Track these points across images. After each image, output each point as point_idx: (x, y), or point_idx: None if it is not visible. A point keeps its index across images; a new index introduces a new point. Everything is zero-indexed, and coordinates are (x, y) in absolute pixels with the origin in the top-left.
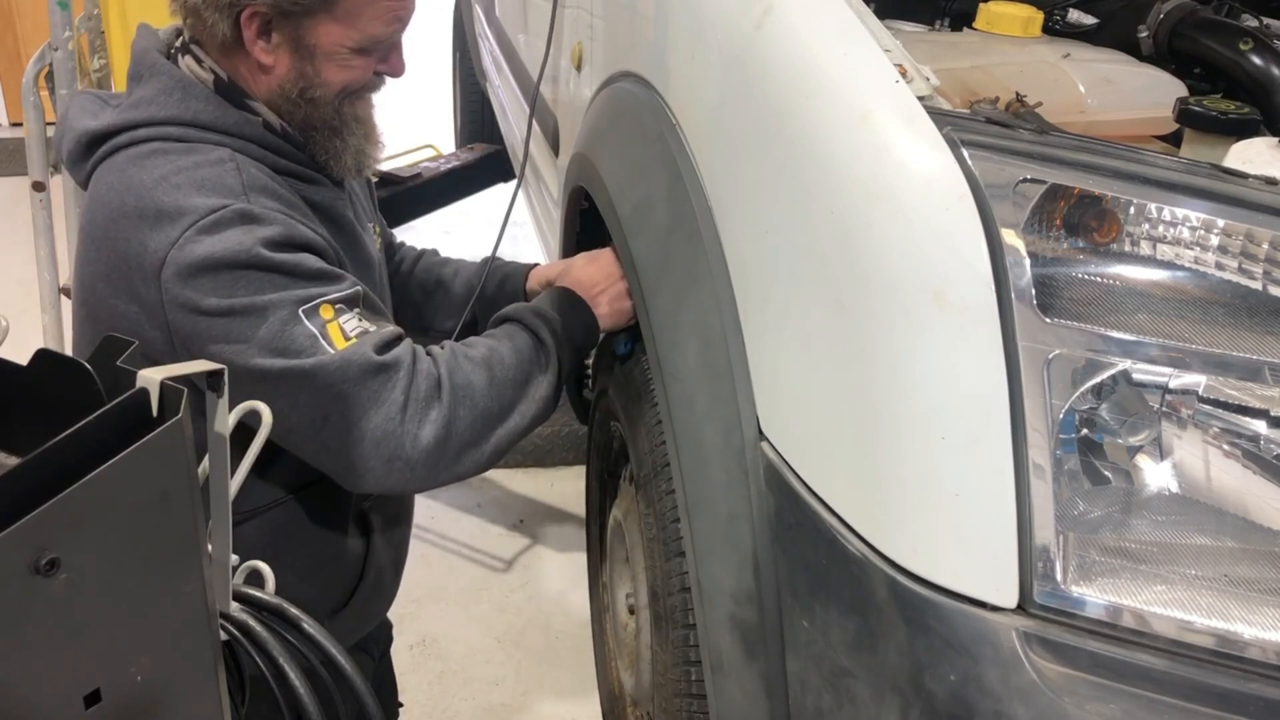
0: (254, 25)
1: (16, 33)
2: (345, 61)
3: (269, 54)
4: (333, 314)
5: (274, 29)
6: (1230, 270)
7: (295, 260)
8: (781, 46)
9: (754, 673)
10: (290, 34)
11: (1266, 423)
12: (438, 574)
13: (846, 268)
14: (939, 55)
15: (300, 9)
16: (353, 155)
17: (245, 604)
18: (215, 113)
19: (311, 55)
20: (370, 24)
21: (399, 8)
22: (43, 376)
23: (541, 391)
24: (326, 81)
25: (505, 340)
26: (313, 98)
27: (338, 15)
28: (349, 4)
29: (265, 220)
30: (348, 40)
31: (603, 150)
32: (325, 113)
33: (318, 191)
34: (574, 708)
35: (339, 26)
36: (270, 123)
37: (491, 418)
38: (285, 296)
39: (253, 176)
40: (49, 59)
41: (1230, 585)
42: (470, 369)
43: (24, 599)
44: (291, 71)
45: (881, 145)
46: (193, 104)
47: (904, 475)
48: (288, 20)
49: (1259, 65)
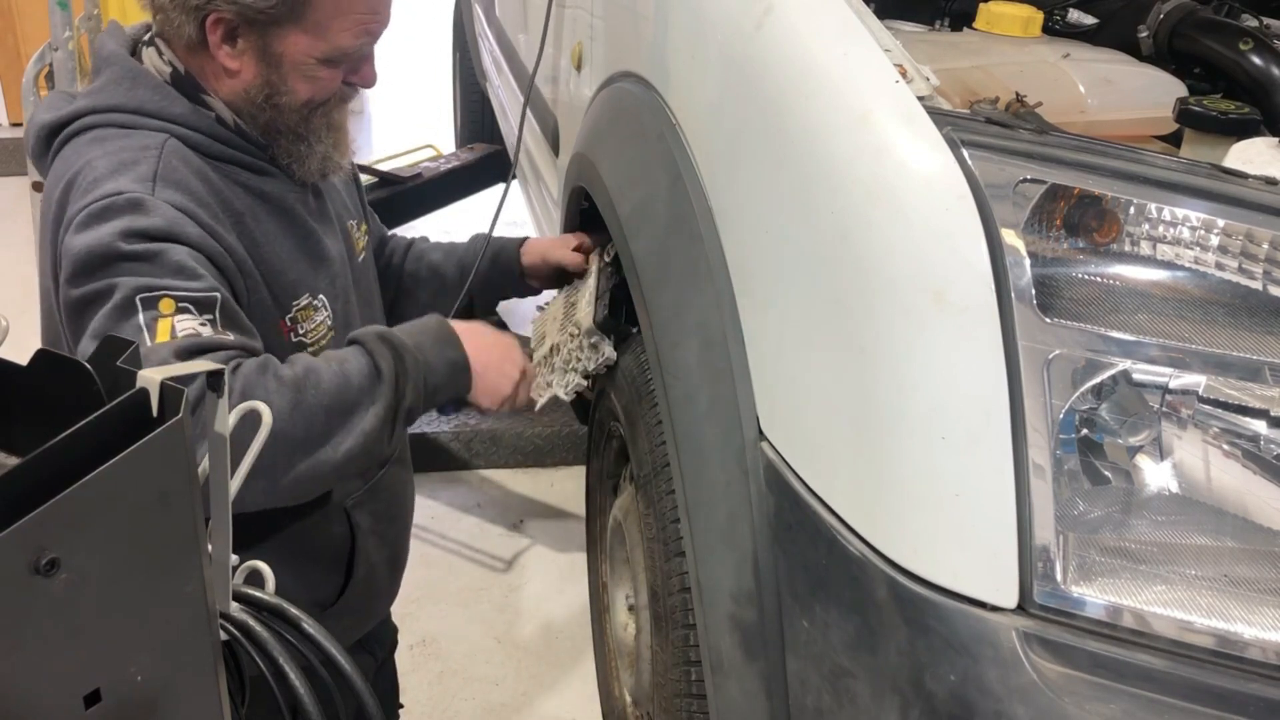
0: (219, 30)
1: (16, 33)
2: (312, 72)
3: (234, 59)
4: (172, 308)
5: (240, 35)
6: (1230, 270)
7: (156, 250)
8: (781, 46)
9: (754, 673)
10: (256, 41)
11: (1266, 423)
12: (438, 574)
13: (846, 267)
14: (939, 55)
15: (266, 18)
16: (318, 161)
17: (245, 604)
18: (160, 101)
19: (278, 64)
20: (339, 36)
21: (369, 21)
22: (43, 376)
23: (365, 425)
24: (293, 90)
25: (335, 363)
26: (278, 104)
27: (305, 26)
28: (317, 15)
29: (149, 211)
30: (315, 51)
31: (603, 150)
32: (290, 120)
33: (268, 183)
34: (574, 708)
35: (306, 37)
36: (223, 117)
37: (291, 445)
38: (129, 282)
39: (171, 167)
40: (49, 59)
41: (1230, 585)
42: (273, 389)
43: (24, 599)
44: (257, 78)
45: (881, 145)
46: (139, 92)
47: (904, 475)
48: (254, 28)
49: (1259, 65)
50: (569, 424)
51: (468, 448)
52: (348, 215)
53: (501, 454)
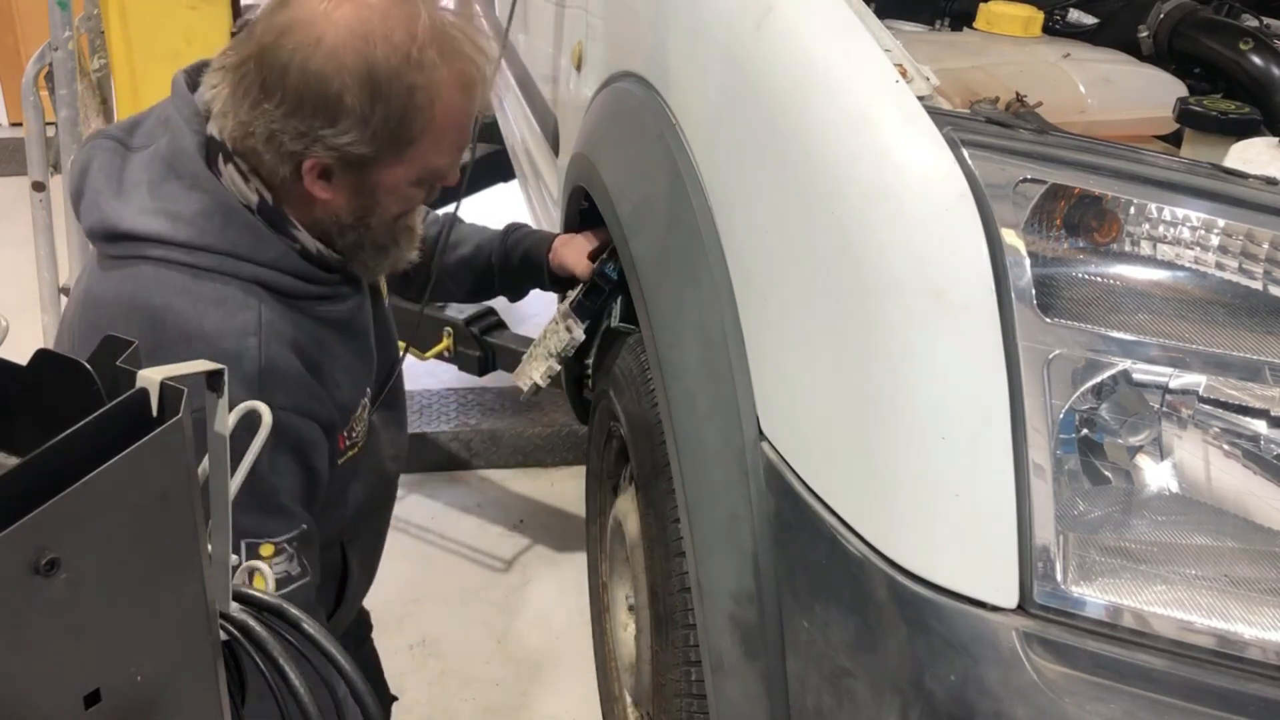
0: (316, 170)
1: (16, 33)
2: (406, 194)
3: (327, 191)
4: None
5: (335, 174)
6: (1230, 270)
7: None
8: (781, 46)
9: (754, 673)
10: (354, 177)
11: (1266, 423)
12: (438, 574)
13: (846, 267)
14: (939, 55)
15: (368, 159)
16: (391, 263)
17: (245, 604)
18: (254, 245)
19: (373, 192)
20: (435, 159)
21: (463, 139)
22: (43, 376)
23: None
24: (385, 210)
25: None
26: (369, 224)
27: (405, 159)
28: (419, 148)
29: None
30: (411, 176)
31: (603, 150)
32: (379, 236)
33: (340, 308)
34: (574, 708)
35: (404, 168)
36: (308, 249)
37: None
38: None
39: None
40: (49, 59)
41: (1230, 585)
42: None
43: (24, 599)
44: (349, 204)
45: (881, 145)
46: (231, 234)
47: (904, 475)
48: (352, 166)
49: (1259, 65)
50: (569, 424)
51: (468, 448)
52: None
53: (501, 454)
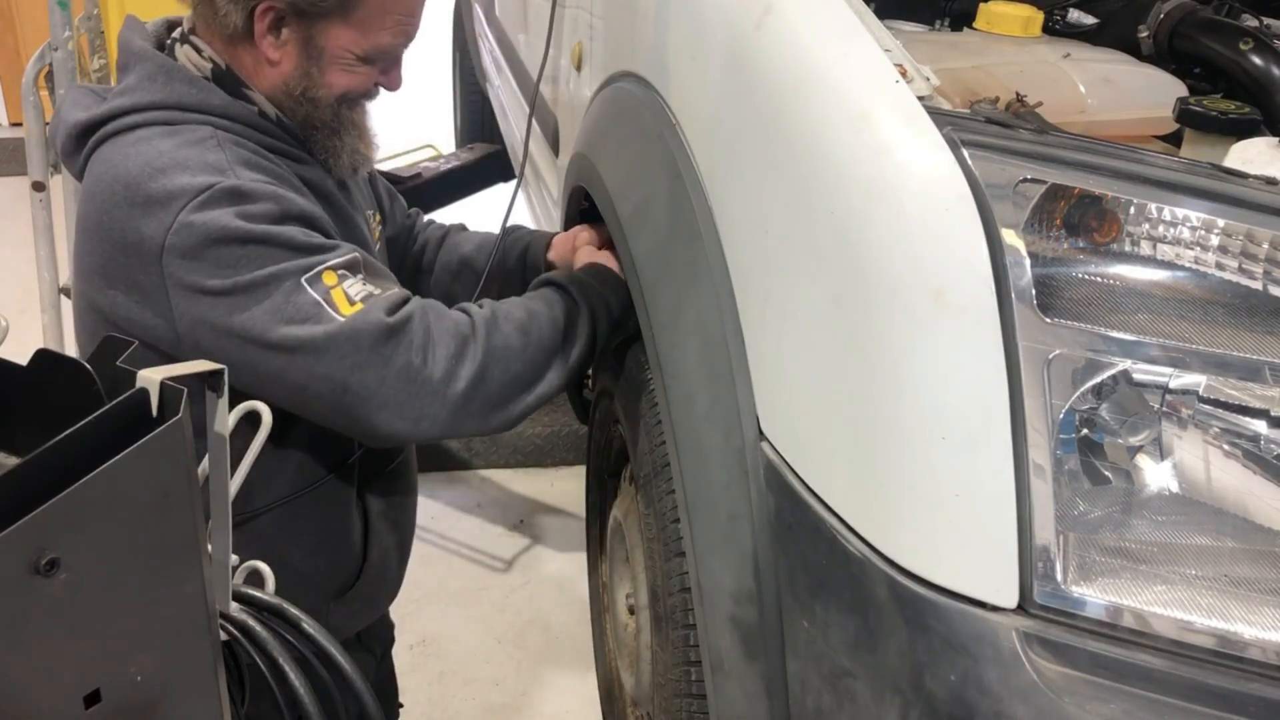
0: (267, 19)
1: (16, 33)
2: (350, 67)
3: (276, 49)
4: (335, 280)
5: (286, 25)
6: (1230, 270)
7: (289, 233)
8: (781, 46)
9: (754, 673)
10: (301, 33)
11: (1266, 423)
12: (438, 574)
13: (846, 267)
14: (939, 55)
15: (317, 11)
16: (349, 154)
17: (245, 604)
18: (200, 96)
19: (319, 57)
20: (380, 34)
21: (408, 23)
22: (43, 376)
23: (573, 361)
24: (329, 84)
25: (545, 307)
26: (313, 97)
27: (351, 22)
28: (364, 12)
29: (254, 195)
30: (356, 47)
31: (603, 150)
32: (324, 114)
33: (311, 171)
34: (574, 708)
35: (350, 32)
36: (265, 110)
37: (523, 382)
38: (286, 268)
39: (235, 152)
40: (49, 59)
41: (1230, 585)
42: (509, 331)
43: (24, 599)
44: (297, 69)
45: (881, 145)
46: (176, 87)
47: (904, 475)
48: (302, 20)
49: (1259, 65)
50: (569, 424)
51: (468, 448)
52: (366, 205)
53: (501, 454)
